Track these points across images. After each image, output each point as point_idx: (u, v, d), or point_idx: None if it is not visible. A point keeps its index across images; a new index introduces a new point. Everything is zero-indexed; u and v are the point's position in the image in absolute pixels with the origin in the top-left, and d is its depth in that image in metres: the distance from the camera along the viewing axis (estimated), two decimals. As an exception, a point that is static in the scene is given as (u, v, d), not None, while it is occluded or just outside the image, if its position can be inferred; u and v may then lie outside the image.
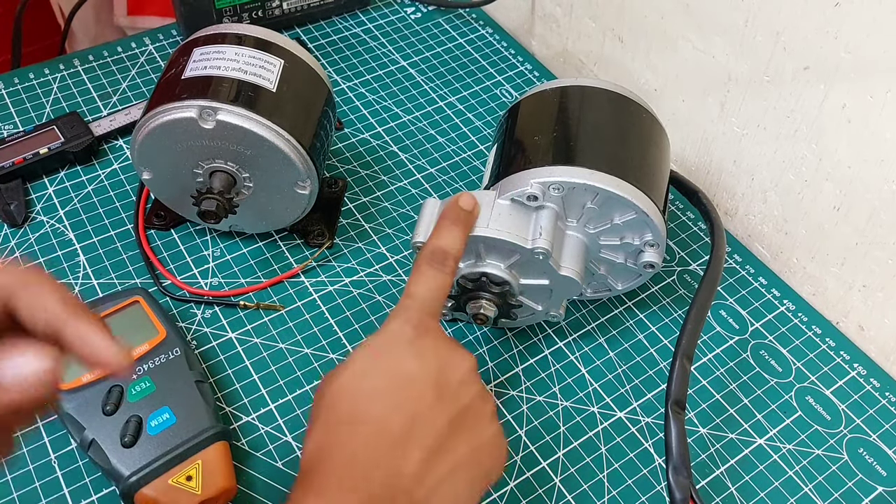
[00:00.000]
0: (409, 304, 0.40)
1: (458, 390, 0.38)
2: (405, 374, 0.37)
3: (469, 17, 0.82)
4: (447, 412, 0.37)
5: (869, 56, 0.49)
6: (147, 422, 0.46)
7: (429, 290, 0.41)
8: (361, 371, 0.38)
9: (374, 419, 0.36)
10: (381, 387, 0.37)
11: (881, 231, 0.53)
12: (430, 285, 0.42)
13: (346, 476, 0.34)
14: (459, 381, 0.38)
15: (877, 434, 0.53)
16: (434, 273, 0.42)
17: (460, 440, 0.37)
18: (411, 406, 0.36)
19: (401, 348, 0.38)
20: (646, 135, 0.53)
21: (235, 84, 0.51)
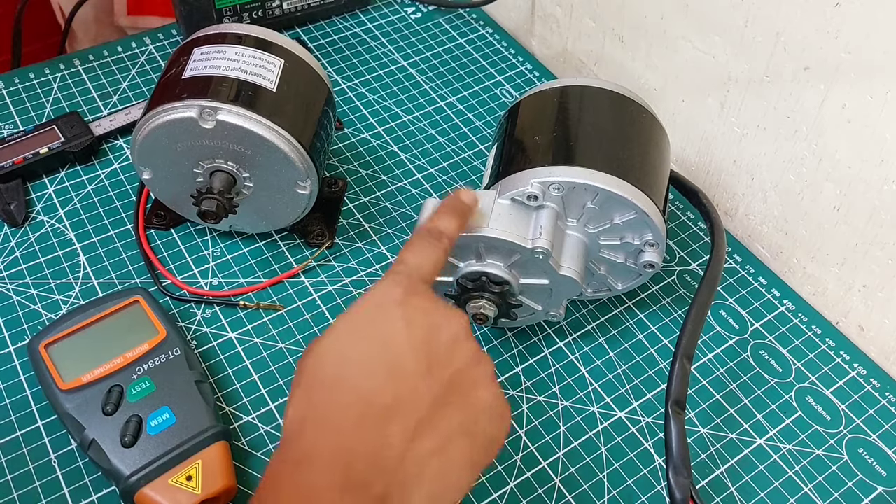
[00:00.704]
0: (400, 269, 0.39)
1: (448, 354, 0.35)
2: (392, 338, 0.35)
3: (469, 17, 0.82)
4: (437, 380, 0.34)
5: (869, 56, 0.49)
6: (147, 422, 0.46)
7: (422, 258, 0.40)
8: (347, 334, 0.35)
9: (358, 389, 0.34)
10: (367, 353, 0.35)
11: (881, 231, 0.53)
12: (424, 255, 0.40)
13: (327, 449, 0.32)
14: (450, 344, 0.36)
15: (877, 434, 0.53)
16: (428, 245, 0.41)
17: (453, 410, 0.34)
18: (398, 374, 0.34)
19: (389, 311, 0.36)
20: (646, 135, 0.53)
21: (236, 84, 0.51)
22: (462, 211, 0.45)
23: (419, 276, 0.39)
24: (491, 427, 0.36)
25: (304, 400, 0.34)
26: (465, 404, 0.35)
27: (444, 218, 0.44)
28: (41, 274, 0.57)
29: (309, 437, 0.33)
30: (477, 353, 0.37)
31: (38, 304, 0.56)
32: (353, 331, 0.35)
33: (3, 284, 0.57)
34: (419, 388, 0.34)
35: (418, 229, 0.43)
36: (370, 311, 0.36)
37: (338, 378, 0.34)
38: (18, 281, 0.57)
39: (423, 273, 0.39)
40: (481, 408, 0.35)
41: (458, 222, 0.44)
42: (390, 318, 0.35)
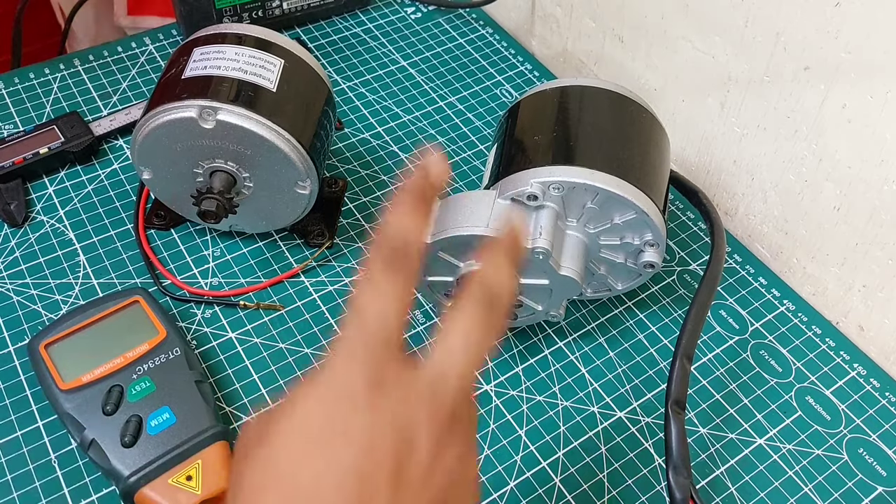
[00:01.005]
0: (355, 328, 0.29)
1: (430, 473, 0.27)
2: (357, 460, 0.26)
3: (469, 17, 0.82)
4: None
5: (869, 56, 0.49)
6: (147, 422, 0.46)
7: (383, 302, 0.29)
8: (295, 453, 0.27)
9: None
10: (322, 484, 0.26)
11: (881, 231, 0.53)
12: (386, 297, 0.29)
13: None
14: (432, 457, 0.27)
15: (877, 434, 0.53)
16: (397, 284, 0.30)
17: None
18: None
19: (346, 418, 0.27)
20: (646, 135, 0.53)
21: (235, 84, 0.51)
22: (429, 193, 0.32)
23: (383, 337, 0.28)
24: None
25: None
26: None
27: (403, 217, 0.31)
28: (41, 274, 0.57)
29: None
30: (461, 458, 0.28)
31: (38, 304, 0.56)
32: (298, 450, 0.27)
33: (3, 284, 0.57)
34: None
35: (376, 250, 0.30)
36: (322, 416, 0.27)
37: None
38: (18, 281, 0.57)
39: (389, 328, 0.29)
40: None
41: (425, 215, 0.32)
42: (349, 429, 0.27)
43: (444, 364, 0.29)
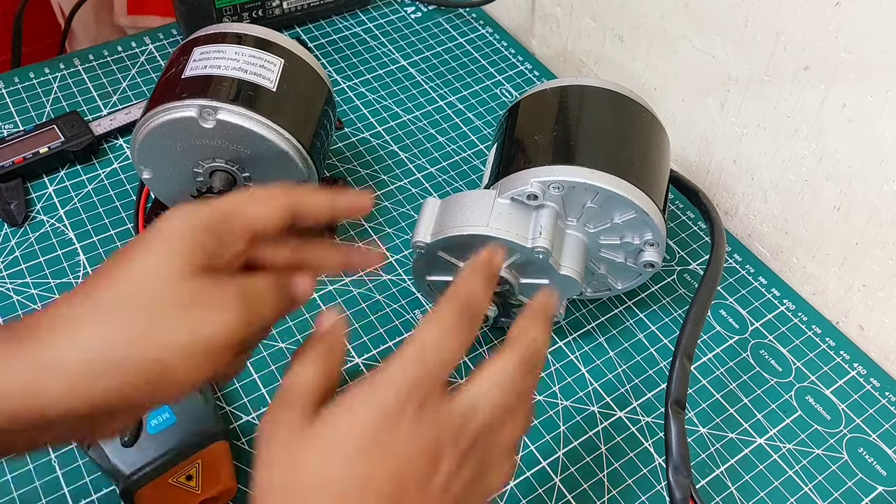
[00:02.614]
0: (420, 368, 0.32)
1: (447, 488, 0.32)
2: (398, 467, 0.31)
3: (469, 17, 0.82)
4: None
5: (869, 56, 0.49)
6: (147, 421, 0.46)
7: (449, 352, 0.33)
8: (351, 450, 0.31)
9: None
10: (372, 481, 0.31)
11: (881, 231, 0.53)
12: (452, 344, 0.34)
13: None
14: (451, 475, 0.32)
15: (877, 434, 0.53)
16: (460, 331, 0.34)
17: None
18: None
19: (400, 433, 0.31)
20: (646, 134, 0.53)
21: (235, 83, 0.51)
22: (495, 278, 0.38)
23: (442, 375, 0.33)
24: None
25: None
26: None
27: (482, 290, 0.36)
28: (41, 274, 0.57)
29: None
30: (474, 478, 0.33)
31: (37, 304, 0.56)
32: (355, 448, 0.31)
33: (3, 284, 0.57)
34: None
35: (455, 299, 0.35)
36: (377, 426, 0.31)
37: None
38: (18, 281, 0.57)
39: (448, 370, 0.33)
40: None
41: (490, 294, 0.37)
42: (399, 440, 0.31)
43: (477, 401, 0.33)
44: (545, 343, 0.37)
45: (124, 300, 0.33)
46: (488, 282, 0.37)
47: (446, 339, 0.34)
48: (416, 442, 0.31)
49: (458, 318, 0.34)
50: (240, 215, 0.36)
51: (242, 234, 0.36)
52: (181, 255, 0.33)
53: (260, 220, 0.36)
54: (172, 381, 0.32)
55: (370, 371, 0.33)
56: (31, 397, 0.31)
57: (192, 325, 0.33)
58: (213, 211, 0.35)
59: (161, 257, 0.33)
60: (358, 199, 0.40)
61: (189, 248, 0.34)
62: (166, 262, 0.33)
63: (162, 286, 0.33)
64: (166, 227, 0.34)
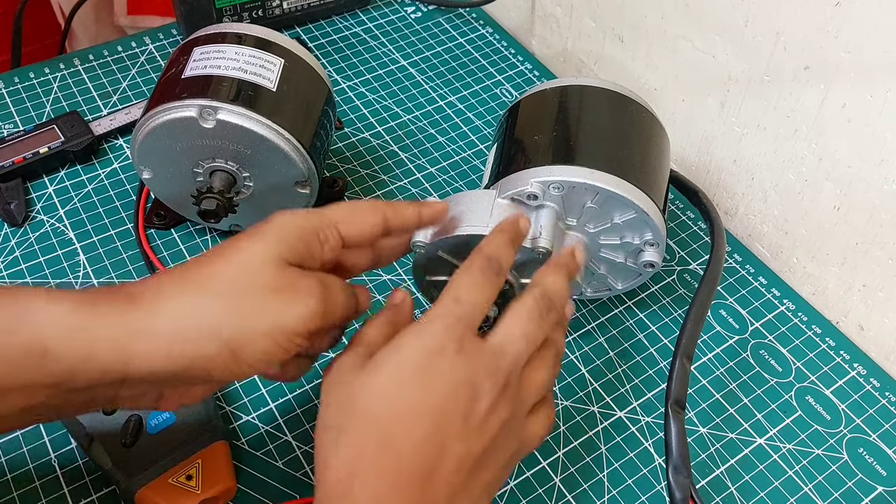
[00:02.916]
0: (456, 311, 0.38)
1: (486, 421, 0.36)
2: (442, 398, 0.36)
3: (469, 17, 0.82)
4: (474, 446, 0.36)
5: (869, 56, 0.49)
6: (147, 421, 0.46)
7: (479, 298, 0.39)
8: (398, 384, 0.36)
9: (409, 451, 0.35)
10: (419, 410, 0.35)
11: (881, 231, 0.53)
12: (483, 294, 0.39)
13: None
14: (489, 409, 0.36)
15: (877, 434, 0.53)
16: (488, 282, 0.39)
17: (487, 467, 0.37)
18: (441, 437, 0.35)
19: (440, 365, 0.36)
20: (646, 134, 0.53)
21: (235, 83, 0.51)
22: (519, 240, 0.44)
23: (473, 323, 0.38)
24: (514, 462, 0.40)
25: (355, 455, 0.35)
26: (498, 460, 0.38)
27: (504, 248, 0.41)
28: (41, 274, 0.57)
29: (359, 498, 0.34)
30: (511, 418, 0.38)
31: (38, 303, 0.56)
32: (403, 381, 0.36)
33: (3, 284, 0.57)
34: (460, 452, 0.36)
35: (478, 258, 0.40)
36: (422, 361, 0.36)
37: (389, 437, 0.35)
38: (18, 281, 0.57)
39: (477, 320, 0.38)
40: (512, 464, 0.39)
41: (514, 254, 0.42)
42: (442, 373, 0.36)
43: (504, 340, 0.38)
44: (563, 288, 0.41)
45: (223, 279, 0.36)
46: (513, 241, 0.42)
47: (475, 288, 0.38)
48: (457, 374, 0.36)
49: (484, 271, 0.39)
50: (342, 225, 0.40)
51: (337, 244, 0.40)
52: (280, 248, 0.37)
53: (358, 232, 0.41)
54: (249, 359, 0.36)
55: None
56: (122, 354, 0.35)
57: (279, 308, 0.36)
58: (321, 219, 0.40)
59: (264, 246, 0.37)
60: (439, 207, 0.45)
61: (289, 245, 0.38)
62: (267, 251, 0.37)
63: (260, 269, 0.37)
64: (275, 222, 0.39)
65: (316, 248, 0.39)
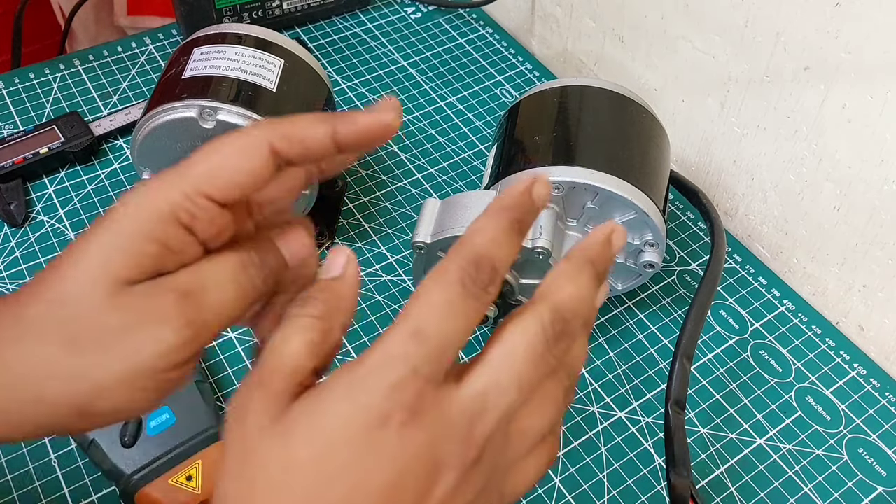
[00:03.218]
0: (414, 355, 0.25)
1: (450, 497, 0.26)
2: (382, 488, 0.25)
3: (469, 17, 0.82)
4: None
5: (869, 56, 0.49)
6: (147, 422, 0.46)
7: (453, 329, 0.26)
8: (320, 466, 0.25)
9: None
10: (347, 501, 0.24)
11: (881, 231, 0.53)
12: (457, 322, 0.26)
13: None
14: (451, 492, 0.26)
15: (877, 434, 0.53)
16: (469, 300, 0.26)
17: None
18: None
19: (384, 444, 0.25)
20: (646, 134, 0.53)
21: (235, 84, 0.51)
22: (530, 220, 0.29)
23: (441, 364, 0.25)
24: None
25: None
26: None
27: (501, 239, 0.27)
28: (41, 274, 0.57)
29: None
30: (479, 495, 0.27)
31: (38, 304, 0.56)
32: (325, 464, 0.25)
33: (3, 284, 0.57)
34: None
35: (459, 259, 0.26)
36: (355, 437, 0.25)
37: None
38: (18, 281, 0.57)
39: (450, 356, 0.26)
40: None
41: (518, 247, 0.28)
42: (384, 454, 0.25)
43: (488, 392, 0.26)
44: (586, 300, 0.28)
45: (46, 325, 0.28)
46: (520, 225, 0.28)
47: (450, 311, 0.26)
48: (406, 454, 0.25)
49: (467, 285, 0.26)
50: (208, 186, 0.28)
51: (212, 214, 0.28)
52: (113, 266, 0.27)
53: (236, 184, 0.28)
54: (107, 414, 0.28)
55: (360, 353, 0.26)
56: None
57: (126, 350, 0.27)
58: (177, 192, 0.28)
59: (92, 272, 0.27)
60: (374, 118, 0.29)
61: (131, 254, 0.27)
62: (95, 275, 0.27)
63: (90, 304, 0.27)
64: (110, 222, 0.28)
65: (180, 237, 0.28)
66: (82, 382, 0.27)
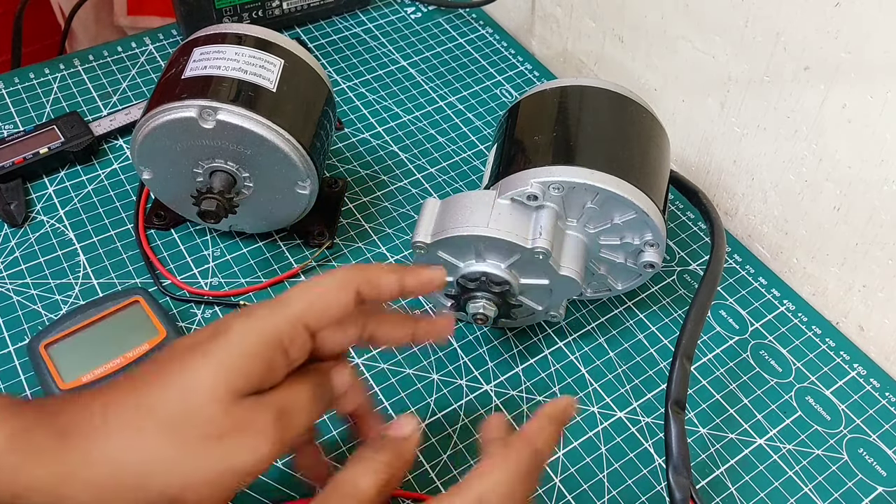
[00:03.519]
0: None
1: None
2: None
3: (469, 17, 0.82)
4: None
5: (869, 56, 0.49)
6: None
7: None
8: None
9: None
10: None
11: (881, 231, 0.53)
12: (521, 495, 0.33)
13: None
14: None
15: (877, 434, 0.53)
16: (529, 484, 0.33)
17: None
18: None
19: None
20: (646, 134, 0.53)
21: (235, 84, 0.51)
22: (566, 423, 0.38)
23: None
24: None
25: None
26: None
27: (552, 440, 0.37)
28: (41, 274, 0.57)
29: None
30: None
31: (38, 304, 0.56)
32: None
33: (3, 284, 0.57)
34: None
35: (527, 447, 0.35)
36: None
37: None
38: (18, 281, 0.57)
39: None
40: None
41: (557, 442, 0.38)
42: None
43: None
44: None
45: (162, 414, 0.32)
46: (559, 431, 0.37)
47: (513, 495, 0.32)
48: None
49: (531, 473, 0.33)
50: (308, 317, 0.35)
51: (305, 343, 0.35)
52: (232, 377, 0.32)
53: (328, 319, 0.35)
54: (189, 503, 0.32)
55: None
56: (52, 497, 0.31)
57: (224, 454, 0.32)
58: (284, 320, 0.34)
59: (212, 374, 0.32)
60: (429, 275, 0.39)
61: (245, 369, 0.33)
62: (215, 381, 0.32)
63: (203, 406, 0.32)
64: (231, 335, 0.33)
65: (279, 360, 0.34)
66: (183, 477, 0.31)
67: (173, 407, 0.32)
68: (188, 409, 0.32)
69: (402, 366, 0.54)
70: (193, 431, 0.31)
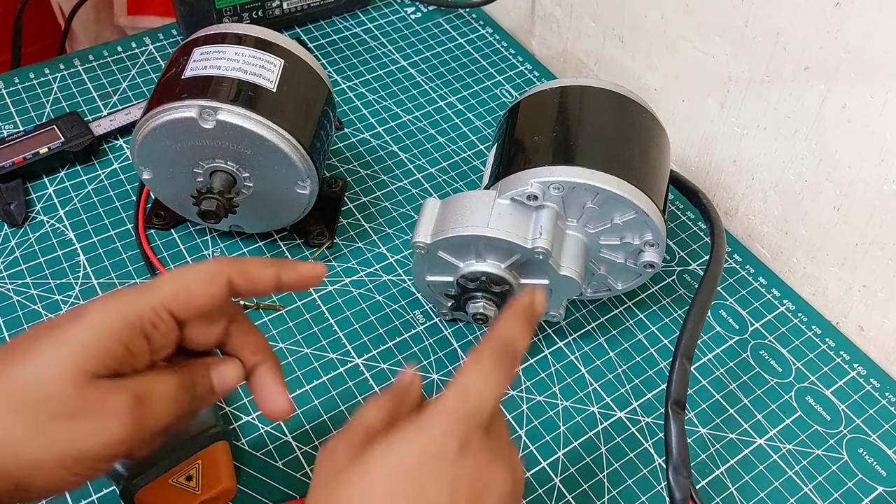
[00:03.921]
0: (461, 408, 0.33)
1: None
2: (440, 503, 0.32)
3: (469, 17, 0.82)
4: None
5: (869, 56, 0.49)
6: (147, 422, 0.46)
7: (490, 391, 0.34)
8: (391, 488, 0.32)
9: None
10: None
11: (881, 231, 0.53)
12: (492, 386, 0.34)
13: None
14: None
15: (877, 434, 0.53)
16: (500, 370, 0.35)
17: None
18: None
19: (438, 471, 0.32)
20: (646, 134, 0.53)
21: (235, 84, 0.51)
22: (536, 319, 0.38)
23: (480, 421, 0.33)
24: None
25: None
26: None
27: (521, 331, 0.37)
28: (41, 274, 0.57)
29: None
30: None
31: (38, 304, 0.56)
32: (395, 485, 0.32)
33: (3, 284, 0.57)
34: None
35: (492, 345, 0.35)
36: (418, 464, 0.32)
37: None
38: (18, 281, 0.57)
39: (485, 417, 0.34)
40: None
41: (531, 334, 0.37)
42: (439, 480, 0.32)
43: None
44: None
45: (11, 397, 0.31)
46: (529, 324, 0.37)
47: (486, 379, 0.34)
48: (461, 479, 0.32)
49: (497, 360, 0.35)
50: (172, 304, 0.34)
51: (170, 329, 0.35)
52: (85, 359, 0.32)
53: (194, 308, 0.35)
54: (40, 489, 0.32)
55: (419, 407, 0.36)
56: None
57: (73, 436, 0.31)
58: (146, 304, 0.34)
59: (62, 357, 0.32)
60: (308, 271, 0.38)
61: (101, 351, 0.32)
62: (65, 364, 0.32)
63: (51, 389, 0.31)
64: (88, 318, 0.33)
65: (139, 344, 0.34)
66: (31, 457, 0.31)
67: (23, 385, 0.31)
68: (38, 388, 0.31)
69: (402, 366, 0.54)
70: (42, 410, 0.31)
